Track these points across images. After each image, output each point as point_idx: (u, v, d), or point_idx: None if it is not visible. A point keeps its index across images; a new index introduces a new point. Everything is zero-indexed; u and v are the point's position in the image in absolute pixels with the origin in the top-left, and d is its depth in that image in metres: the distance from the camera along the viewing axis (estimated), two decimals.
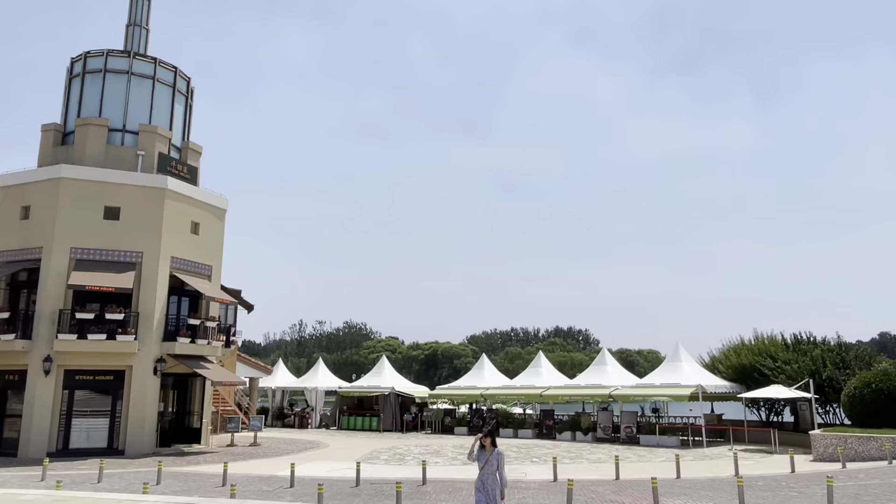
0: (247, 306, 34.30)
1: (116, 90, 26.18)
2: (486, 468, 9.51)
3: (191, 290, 25.80)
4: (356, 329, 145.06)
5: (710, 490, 14.48)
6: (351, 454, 23.05)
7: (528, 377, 34.51)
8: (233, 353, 32.76)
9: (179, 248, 25.48)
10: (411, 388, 38.56)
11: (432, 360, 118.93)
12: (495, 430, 9.04)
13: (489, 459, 9.54)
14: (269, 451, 24.73)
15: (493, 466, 9.48)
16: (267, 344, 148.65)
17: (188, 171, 26.92)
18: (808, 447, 22.06)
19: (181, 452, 23.89)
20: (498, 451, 9.55)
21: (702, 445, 25.73)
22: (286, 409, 40.53)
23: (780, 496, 13.52)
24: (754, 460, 20.88)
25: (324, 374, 41.59)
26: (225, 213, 28.06)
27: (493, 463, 9.49)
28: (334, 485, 15.62)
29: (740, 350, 30.14)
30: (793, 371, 26.04)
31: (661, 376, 28.85)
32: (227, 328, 28.02)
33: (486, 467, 9.50)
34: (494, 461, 9.51)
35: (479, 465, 9.61)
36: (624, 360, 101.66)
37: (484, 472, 9.51)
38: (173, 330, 24.86)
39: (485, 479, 9.50)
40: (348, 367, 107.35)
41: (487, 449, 9.66)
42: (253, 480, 16.55)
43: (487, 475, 9.48)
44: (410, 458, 22.06)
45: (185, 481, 16.38)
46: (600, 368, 32.06)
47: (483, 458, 9.63)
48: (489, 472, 9.48)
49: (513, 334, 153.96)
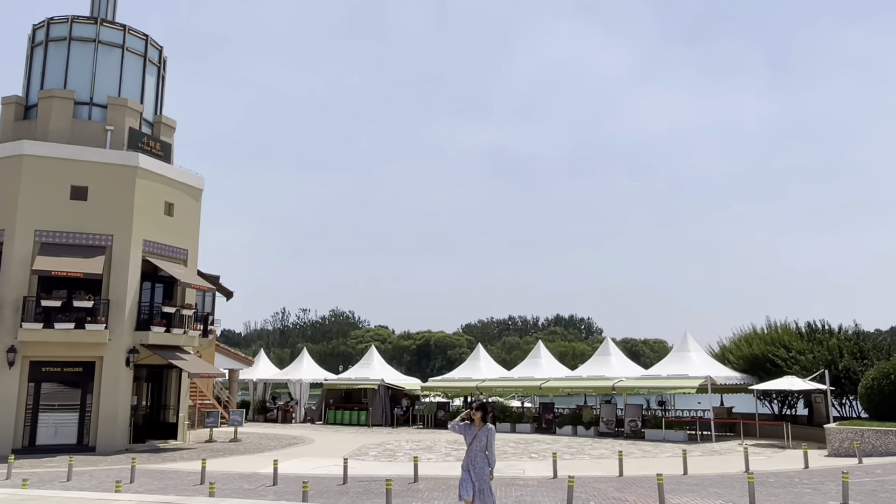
0: (225, 293, 34.23)
1: (82, 60, 25.88)
2: (473, 445, 9.28)
3: (165, 276, 25.70)
4: (343, 318, 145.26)
5: (719, 487, 14.60)
6: (338, 450, 23.13)
7: (526, 368, 34.65)
8: (211, 343, 32.73)
9: (152, 231, 25.34)
10: (402, 381, 38.67)
11: (424, 351, 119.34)
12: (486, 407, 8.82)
13: (477, 435, 9.30)
14: (250, 447, 24.79)
15: (481, 443, 9.25)
16: (248, 333, 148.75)
17: (161, 147, 26.72)
18: (823, 442, 22.27)
19: (156, 449, 23.92)
20: (488, 426, 9.34)
21: (710, 440, 25.95)
22: (268, 403, 40.62)
23: (793, 493, 13.65)
24: (766, 455, 21.08)
25: (308, 366, 41.64)
26: (201, 192, 27.90)
27: (482, 439, 9.26)
28: (320, 482, 15.66)
29: (752, 339, 30.31)
30: (807, 361, 26.23)
31: (668, 367, 29.01)
32: (204, 316, 27.98)
33: (475, 444, 9.28)
34: (483, 437, 9.27)
35: (467, 441, 9.40)
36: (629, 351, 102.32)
37: (472, 449, 9.29)
38: (147, 318, 24.80)
39: (473, 457, 9.26)
40: (335, 357, 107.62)
41: (476, 424, 9.40)
42: (233, 478, 16.59)
43: (476, 453, 9.26)
44: (401, 454, 22.16)
45: (161, 479, 16.40)
46: (603, 359, 32.21)
47: (471, 434, 9.38)
48: (477, 450, 9.26)
49: (510, 323, 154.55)
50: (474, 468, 9.21)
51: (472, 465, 9.25)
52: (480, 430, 9.36)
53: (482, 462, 9.23)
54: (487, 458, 9.32)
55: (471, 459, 9.29)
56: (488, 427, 9.36)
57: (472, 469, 9.23)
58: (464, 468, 9.27)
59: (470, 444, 9.32)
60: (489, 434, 9.32)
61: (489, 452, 9.34)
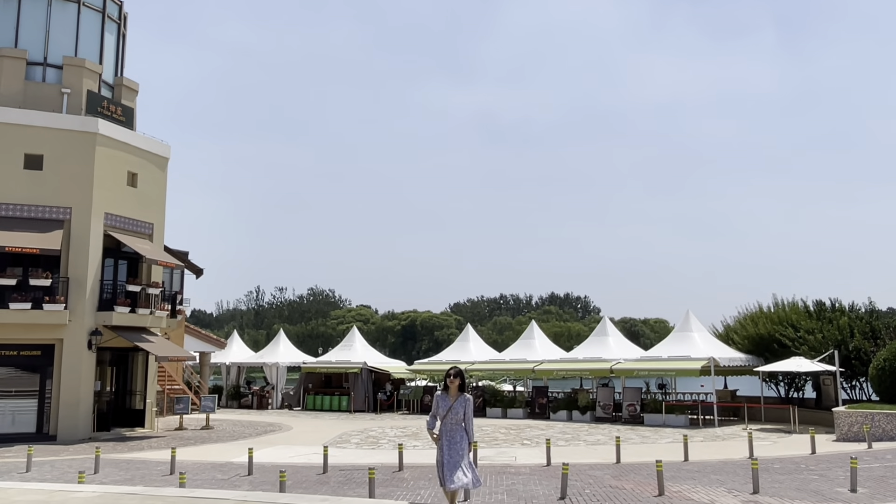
0: (195, 270, 34.10)
1: (35, 16, 25.39)
2: (449, 417, 8.92)
3: (129, 252, 25.54)
4: (322, 297, 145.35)
5: (722, 474, 14.82)
6: (317, 437, 23.25)
7: (518, 350, 34.85)
8: (180, 325, 32.65)
9: (114, 203, 25.11)
10: (386, 364, 38.80)
11: (410, 332, 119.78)
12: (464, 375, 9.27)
13: (453, 407, 8.94)
14: (223, 434, 24.88)
15: (457, 415, 8.92)
16: (220, 314, 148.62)
17: (123, 112, 26.39)
18: (831, 426, 22.63)
19: (122, 437, 23.95)
20: (465, 396, 9.01)
21: (713, 425, 26.30)
22: (243, 388, 40.69)
23: (799, 480, 13.88)
24: (771, 441, 21.40)
25: (286, 348, 41.69)
26: (167, 162, 27.64)
27: (459, 411, 8.93)
28: (298, 472, 15.75)
29: (758, 318, 30.60)
30: (816, 341, 26.53)
31: (669, 348, 29.28)
32: (172, 296, 27.89)
33: (450, 416, 8.92)
34: (460, 409, 8.94)
35: (441, 413, 9.00)
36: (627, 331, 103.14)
37: (447, 421, 8.93)
38: (110, 298, 24.68)
39: (449, 430, 8.88)
40: (314, 339, 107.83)
41: (452, 393, 9.05)
42: (205, 468, 16.65)
43: (452, 426, 8.90)
44: (385, 441, 22.31)
45: (127, 469, 16.43)
46: (601, 340, 32.44)
47: (445, 405, 9.01)
48: (454, 422, 8.91)
49: (502, 302, 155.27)
50: (451, 444, 8.85)
51: (448, 442, 8.87)
52: (457, 400, 8.99)
53: (460, 437, 8.89)
54: (466, 432, 8.99)
55: (447, 433, 8.87)
56: (465, 397, 9.01)
57: (448, 446, 8.86)
58: (439, 448, 8.89)
59: (444, 416, 8.92)
60: (466, 405, 8.97)
61: (467, 425, 8.98)
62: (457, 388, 9.01)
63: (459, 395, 9.03)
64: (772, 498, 11.95)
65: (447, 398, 9.04)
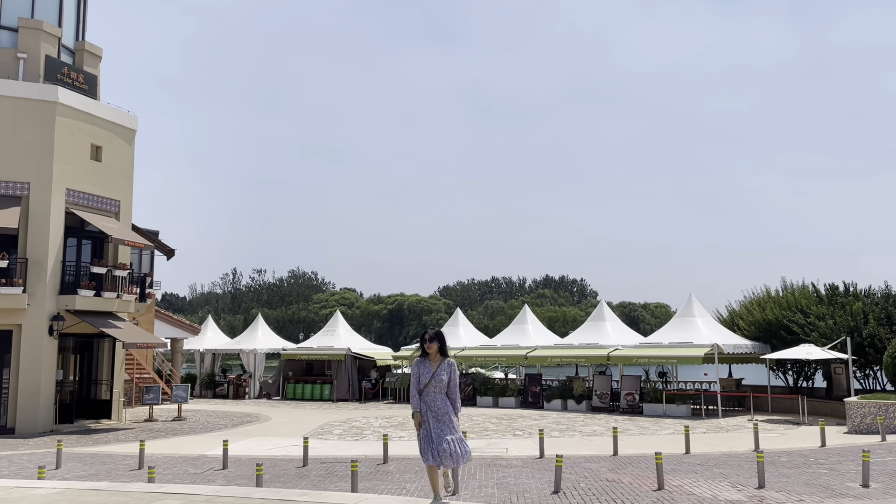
0: (166, 251, 33.86)
1: None
2: (432, 385, 8.24)
3: (94, 231, 25.32)
4: (304, 279, 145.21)
5: (725, 467, 14.89)
6: (297, 428, 23.27)
7: (511, 336, 34.94)
8: (149, 309, 32.50)
9: (77, 179, 24.84)
10: (371, 350, 38.84)
11: (397, 316, 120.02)
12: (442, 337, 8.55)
13: (436, 373, 8.29)
14: (196, 426, 24.85)
15: (441, 382, 8.26)
16: (193, 298, 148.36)
17: (85, 80, 26.04)
18: (843, 417, 22.81)
19: (87, 430, 23.87)
20: (448, 361, 8.40)
21: (717, 415, 26.47)
22: (218, 377, 40.64)
23: (808, 474, 13.96)
24: (778, 432, 21.55)
25: (264, 334, 41.63)
26: (134, 134, 27.37)
27: (442, 377, 8.28)
28: (277, 465, 15.74)
29: (765, 303, 30.75)
30: (827, 328, 26.67)
31: (671, 334, 29.40)
32: (141, 278, 27.71)
33: (433, 383, 8.24)
34: (444, 375, 8.29)
35: (422, 383, 8.32)
36: (626, 316, 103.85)
37: (429, 390, 8.25)
38: (73, 280, 24.49)
39: (433, 400, 8.21)
40: (294, 324, 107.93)
41: (433, 358, 8.41)
42: (176, 461, 16.61)
43: (434, 395, 8.23)
44: (369, 431, 22.34)
45: (92, 464, 16.36)
46: (598, 325, 32.55)
47: (427, 373, 8.34)
48: (436, 391, 8.24)
49: (493, 285, 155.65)
50: (437, 417, 8.20)
51: (433, 414, 8.22)
52: (439, 366, 8.35)
53: (444, 406, 8.23)
54: (451, 402, 8.37)
55: (430, 406, 8.23)
56: (449, 362, 8.39)
57: (434, 418, 8.20)
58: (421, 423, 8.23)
59: (427, 385, 8.26)
60: (451, 370, 8.35)
61: (451, 393, 8.35)
62: (437, 352, 8.39)
63: (441, 359, 8.40)
64: (778, 493, 12.00)
65: (428, 363, 8.40)
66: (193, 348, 41.69)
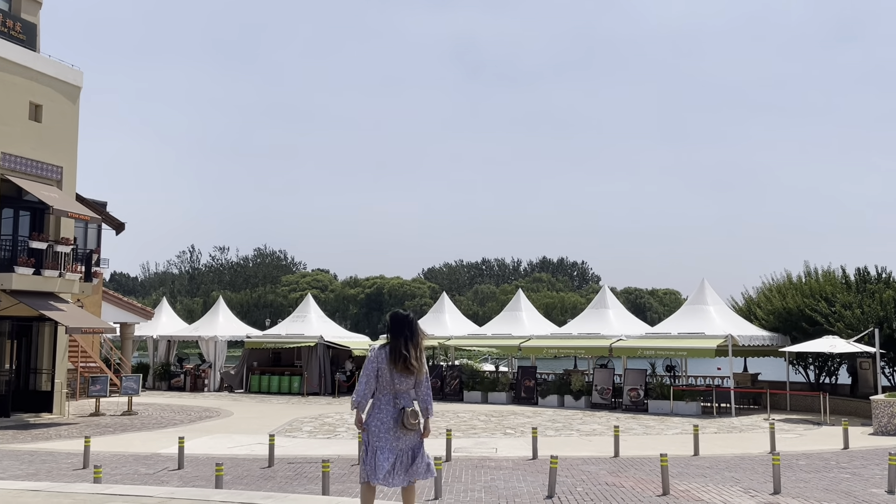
0: (115, 225, 33.70)
1: None
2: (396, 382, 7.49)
3: (32, 201, 25.16)
4: (272, 259, 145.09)
5: (737, 471, 15.07)
6: (263, 425, 23.31)
7: (503, 324, 35.05)
8: (96, 290, 32.36)
9: (13, 141, 24.63)
10: (347, 338, 38.88)
11: (375, 301, 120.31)
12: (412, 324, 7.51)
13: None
14: (149, 421, 24.86)
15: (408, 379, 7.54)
16: (146, 278, 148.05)
17: (23, 28, 25.74)
18: (868, 417, 23.05)
19: (25, 424, 23.83)
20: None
21: (729, 414, 26.71)
22: (173, 367, 40.61)
23: (828, 479, 14.15)
24: (797, 433, 21.80)
25: (226, 319, 41.60)
26: (79, 91, 27.16)
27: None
28: (239, 465, 15.78)
29: (785, 290, 30.93)
30: (854, 318, 26.85)
31: (680, 324, 29.55)
32: (86, 255, 27.55)
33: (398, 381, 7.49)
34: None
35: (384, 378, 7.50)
36: (632, 303, 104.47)
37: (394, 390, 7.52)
38: (9, 257, 24.37)
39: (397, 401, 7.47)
40: (260, 309, 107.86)
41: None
42: (126, 460, 16.63)
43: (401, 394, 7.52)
44: (343, 429, 22.42)
45: (31, 462, 16.35)
46: (599, 313, 32.68)
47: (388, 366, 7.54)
48: (403, 389, 7.52)
49: (484, 268, 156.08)
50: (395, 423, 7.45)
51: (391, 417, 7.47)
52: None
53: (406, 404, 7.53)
54: (419, 402, 7.67)
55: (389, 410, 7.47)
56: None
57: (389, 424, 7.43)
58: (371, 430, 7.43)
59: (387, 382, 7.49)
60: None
61: (421, 392, 7.65)
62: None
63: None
64: (795, 499, 12.17)
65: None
66: (146, 334, 41.58)
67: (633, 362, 31.16)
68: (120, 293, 45.33)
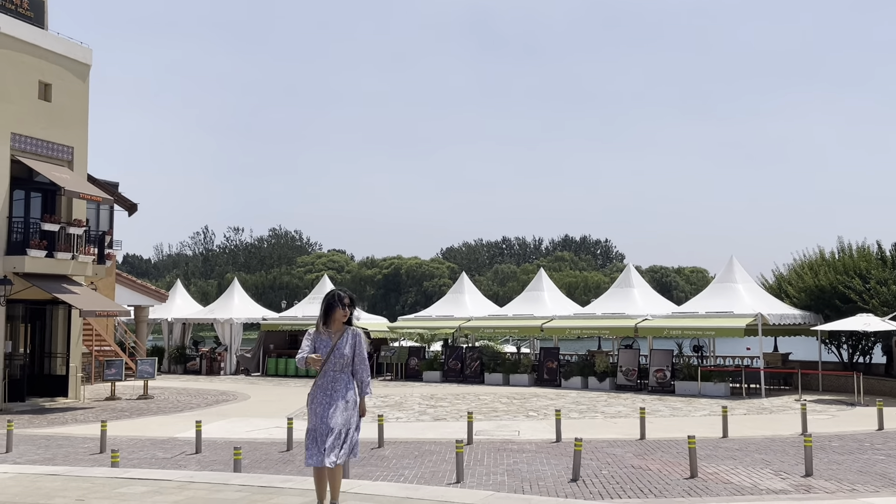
0: (127, 206, 33.92)
1: None
2: (332, 361, 7.51)
3: (44, 183, 25.32)
4: (287, 239, 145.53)
5: (767, 453, 15.05)
6: (280, 408, 23.47)
7: (524, 304, 35.06)
8: (110, 272, 32.62)
9: (23, 122, 24.77)
10: (364, 320, 38.99)
11: (393, 282, 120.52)
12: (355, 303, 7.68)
13: (336, 346, 7.55)
14: (165, 405, 25.11)
15: (343, 357, 7.55)
16: (160, 260, 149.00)
17: (30, 5, 25.80)
18: None
19: (41, 409, 24.13)
20: (353, 330, 7.68)
21: (759, 395, 26.66)
22: (189, 350, 40.96)
23: (861, 460, 14.11)
24: (829, 414, 21.73)
25: (241, 301, 41.82)
26: (89, 69, 27.24)
27: (344, 350, 7.56)
28: (257, 448, 15.94)
29: (818, 267, 30.72)
30: (890, 294, 26.64)
31: (708, 302, 29.46)
32: (99, 237, 27.74)
33: (333, 359, 7.52)
34: (346, 347, 7.55)
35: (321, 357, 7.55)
36: (657, 282, 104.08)
37: (328, 368, 7.51)
38: (21, 239, 24.54)
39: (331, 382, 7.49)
40: (276, 291, 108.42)
41: (334, 327, 7.62)
42: (143, 444, 16.82)
43: (336, 374, 7.50)
44: None
45: (48, 447, 16.59)
46: (624, 292, 32.60)
47: (325, 345, 7.59)
48: (338, 369, 7.52)
49: (505, 247, 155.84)
50: (332, 401, 7.46)
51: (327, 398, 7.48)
52: (340, 337, 7.58)
53: (347, 389, 7.54)
54: (356, 382, 7.67)
55: (324, 389, 7.49)
56: (353, 331, 7.68)
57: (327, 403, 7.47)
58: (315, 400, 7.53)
59: (326, 360, 7.49)
60: (357, 340, 7.65)
61: (358, 371, 7.65)
62: (342, 322, 7.64)
63: (343, 328, 7.63)
64: (827, 481, 12.15)
65: (327, 337, 7.66)
66: (160, 317, 41.92)
67: (659, 343, 31.12)
68: (133, 275, 45.72)
